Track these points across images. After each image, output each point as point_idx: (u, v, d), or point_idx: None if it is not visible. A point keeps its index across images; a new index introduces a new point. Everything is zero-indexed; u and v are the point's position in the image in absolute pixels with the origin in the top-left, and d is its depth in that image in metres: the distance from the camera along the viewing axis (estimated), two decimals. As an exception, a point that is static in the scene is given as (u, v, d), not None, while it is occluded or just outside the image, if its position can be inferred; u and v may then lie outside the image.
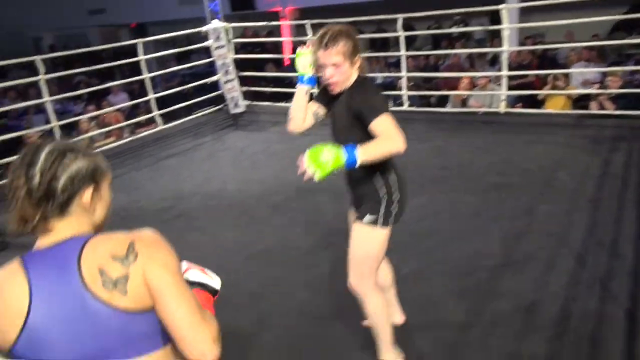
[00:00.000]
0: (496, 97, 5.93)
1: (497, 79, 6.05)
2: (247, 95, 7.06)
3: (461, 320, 2.51)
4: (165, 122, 6.37)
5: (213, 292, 1.21)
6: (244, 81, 7.05)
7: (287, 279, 3.02)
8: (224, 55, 6.62)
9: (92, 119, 6.84)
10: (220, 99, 6.97)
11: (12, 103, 8.37)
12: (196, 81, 7.13)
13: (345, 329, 2.52)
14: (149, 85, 6.13)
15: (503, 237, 3.23)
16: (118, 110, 7.07)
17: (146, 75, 6.08)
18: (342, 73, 1.90)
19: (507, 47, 5.70)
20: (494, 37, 8.00)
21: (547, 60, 7.29)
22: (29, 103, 6.42)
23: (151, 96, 6.20)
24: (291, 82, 8.82)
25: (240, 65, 7.12)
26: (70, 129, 6.96)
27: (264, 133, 6.17)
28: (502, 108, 5.74)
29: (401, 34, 5.99)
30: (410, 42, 9.53)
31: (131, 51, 6.27)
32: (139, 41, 6.02)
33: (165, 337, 1.03)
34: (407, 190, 2.08)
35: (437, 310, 2.59)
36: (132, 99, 7.52)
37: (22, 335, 0.95)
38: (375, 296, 2.10)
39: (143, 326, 0.99)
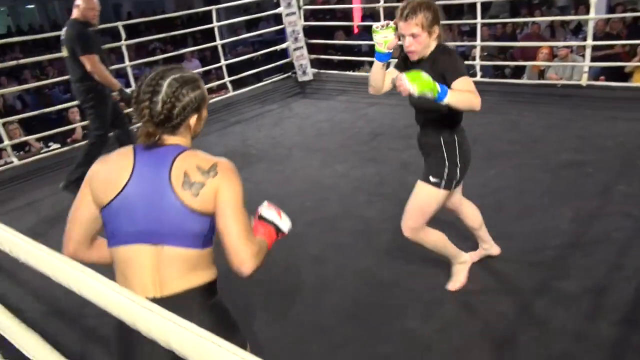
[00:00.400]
0: (577, 68, 5.58)
1: (580, 50, 5.67)
2: (314, 63, 7.07)
3: (524, 296, 2.46)
4: (235, 89, 6.54)
5: (278, 230, 1.48)
6: (312, 49, 7.05)
7: (349, 246, 3.08)
8: (294, 23, 6.63)
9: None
10: (289, 67, 7.02)
11: (95, 67, 8.80)
12: (264, 49, 7.21)
13: (405, 297, 2.55)
14: (221, 52, 6.28)
15: (574, 216, 3.10)
16: (191, 76, 7.31)
17: (219, 42, 6.23)
18: (420, 42, 2.05)
19: (594, 15, 5.30)
20: (579, 4, 7.46)
21: (639, 29, 6.71)
22: (111, 67, 6.76)
23: (223, 63, 6.36)
24: (360, 51, 8.72)
25: (308, 32, 7.12)
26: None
27: (331, 102, 6.18)
28: (584, 81, 5.39)
29: (478, 0, 5.72)
30: (486, 9, 9.09)
31: (202, 18, 6.42)
32: (213, 8, 6.16)
33: (206, 243, 1.31)
34: (470, 159, 2.29)
35: (499, 285, 2.56)
36: (203, 66, 7.75)
37: (116, 198, 1.26)
38: (427, 236, 2.35)
39: (195, 226, 1.26)
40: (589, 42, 5.31)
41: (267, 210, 1.49)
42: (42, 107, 6.18)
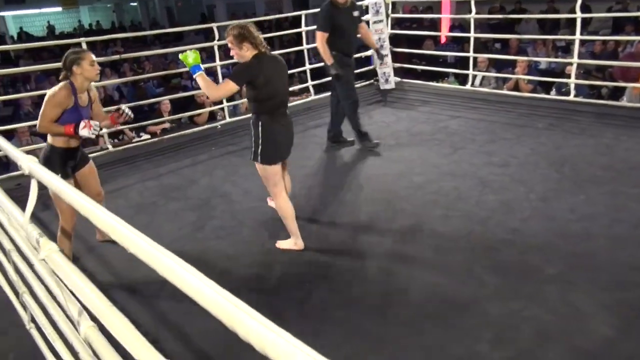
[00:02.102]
0: (686, 93, 5.11)
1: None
2: (397, 72, 7.01)
3: (607, 334, 2.28)
4: (316, 93, 6.62)
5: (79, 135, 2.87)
6: (396, 57, 7.00)
7: (421, 261, 3.01)
8: (381, 31, 6.61)
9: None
10: (372, 74, 7.01)
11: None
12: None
13: (476, 320, 2.46)
14: (306, 56, 6.40)
15: (673, 253, 2.84)
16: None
17: (305, 47, 6.35)
18: (236, 54, 2.95)
19: None
20: (694, 23, 6.85)
21: None
22: (204, 66, 7.08)
23: (307, 67, 6.47)
24: (445, 61, 8.53)
25: (394, 40, 7.07)
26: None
27: (411, 112, 6.09)
28: (693, 107, 4.94)
29: (578, 15, 5.41)
30: (585, 24, 8.59)
31: (291, 22, 6.56)
32: (303, 13, 6.29)
33: (65, 122, 2.89)
34: (278, 143, 3.02)
35: (580, 320, 2.39)
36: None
37: None
38: (278, 199, 3.12)
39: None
40: (703, 64, 4.86)
41: (82, 122, 2.83)
42: (137, 99, 6.59)
